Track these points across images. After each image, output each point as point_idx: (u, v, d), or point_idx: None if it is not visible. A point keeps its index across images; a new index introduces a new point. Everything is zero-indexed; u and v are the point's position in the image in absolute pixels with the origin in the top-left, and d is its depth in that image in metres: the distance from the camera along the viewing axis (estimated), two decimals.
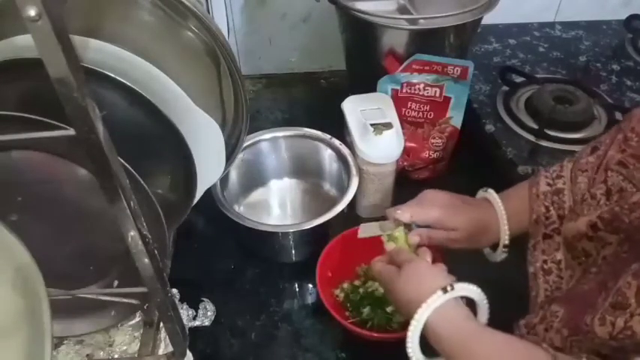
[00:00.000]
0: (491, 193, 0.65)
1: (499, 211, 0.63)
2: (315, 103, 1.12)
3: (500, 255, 0.65)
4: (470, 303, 0.54)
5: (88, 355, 0.65)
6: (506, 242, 0.63)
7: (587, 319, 0.46)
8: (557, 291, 0.57)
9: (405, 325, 0.68)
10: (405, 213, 0.64)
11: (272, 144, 0.88)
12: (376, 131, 0.78)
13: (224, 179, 0.79)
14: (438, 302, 0.50)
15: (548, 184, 0.61)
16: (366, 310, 0.70)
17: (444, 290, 0.50)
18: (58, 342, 0.64)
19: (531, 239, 0.61)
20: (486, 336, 0.49)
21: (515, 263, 0.63)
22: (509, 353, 0.48)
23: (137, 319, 0.66)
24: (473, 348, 0.49)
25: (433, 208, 0.65)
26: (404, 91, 0.85)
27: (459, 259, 0.66)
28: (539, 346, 0.47)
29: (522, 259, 0.62)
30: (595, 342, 0.45)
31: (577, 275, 0.56)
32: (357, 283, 0.74)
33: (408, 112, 0.87)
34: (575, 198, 0.58)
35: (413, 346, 0.52)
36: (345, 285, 0.74)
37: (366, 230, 0.69)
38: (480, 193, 0.67)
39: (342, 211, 0.75)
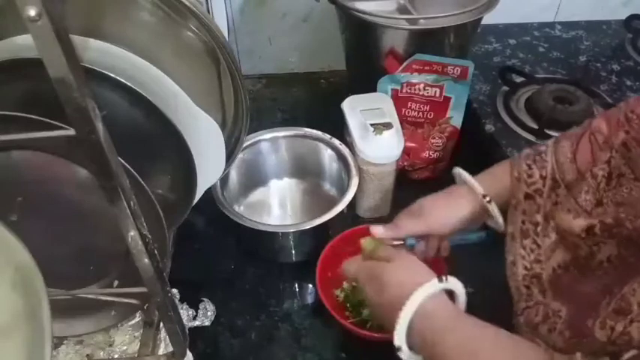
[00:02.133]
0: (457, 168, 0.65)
1: (464, 174, 0.63)
2: (315, 103, 1.12)
3: (497, 215, 0.61)
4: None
5: (88, 355, 0.65)
6: (482, 192, 0.61)
7: (589, 322, 0.45)
8: (536, 265, 0.56)
9: None
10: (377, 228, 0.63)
11: (272, 144, 0.88)
12: (376, 131, 0.78)
13: (224, 179, 0.79)
14: (432, 289, 0.49)
15: (531, 149, 0.61)
16: (365, 311, 0.70)
17: (440, 279, 0.50)
18: (58, 342, 0.64)
19: (513, 199, 0.60)
20: (488, 332, 0.48)
21: None
22: (506, 346, 0.47)
23: (137, 319, 0.66)
24: (469, 339, 0.47)
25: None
26: (404, 91, 0.85)
27: (460, 261, 0.67)
28: (537, 344, 0.47)
29: None
30: (594, 345, 0.45)
31: (561, 258, 0.55)
32: (357, 283, 0.74)
33: (408, 112, 0.88)
34: (557, 158, 0.57)
35: (401, 330, 0.49)
36: (345, 285, 0.74)
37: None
38: None
39: (342, 211, 0.75)
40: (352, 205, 0.82)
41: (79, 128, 0.33)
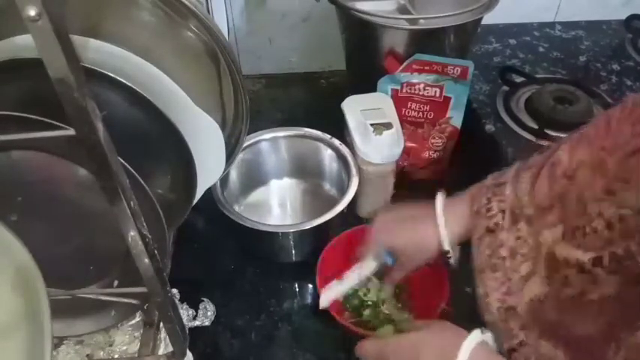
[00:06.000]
0: (438, 197, 0.63)
1: (438, 212, 0.61)
2: (315, 103, 1.12)
3: (454, 258, 0.62)
4: None
5: (88, 355, 0.65)
6: (447, 248, 0.60)
7: None
8: (509, 297, 0.54)
9: None
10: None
11: (272, 144, 0.89)
12: (376, 131, 0.78)
13: (224, 179, 0.79)
14: (478, 339, 0.51)
15: (493, 179, 0.59)
16: (366, 311, 0.70)
17: (482, 331, 0.52)
18: (58, 342, 0.64)
19: (475, 233, 0.58)
20: None
21: None
22: None
23: (137, 319, 0.66)
24: None
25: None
26: (404, 91, 0.85)
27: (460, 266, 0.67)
28: None
29: None
30: None
31: (538, 290, 0.52)
32: None
33: (408, 112, 0.87)
34: (516, 193, 0.55)
35: None
36: None
37: (327, 296, 0.69)
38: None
39: (342, 211, 0.75)
40: (352, 205, 0.82)
41: (79, 128, 0.33)
